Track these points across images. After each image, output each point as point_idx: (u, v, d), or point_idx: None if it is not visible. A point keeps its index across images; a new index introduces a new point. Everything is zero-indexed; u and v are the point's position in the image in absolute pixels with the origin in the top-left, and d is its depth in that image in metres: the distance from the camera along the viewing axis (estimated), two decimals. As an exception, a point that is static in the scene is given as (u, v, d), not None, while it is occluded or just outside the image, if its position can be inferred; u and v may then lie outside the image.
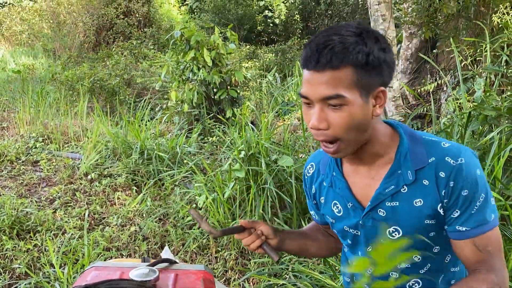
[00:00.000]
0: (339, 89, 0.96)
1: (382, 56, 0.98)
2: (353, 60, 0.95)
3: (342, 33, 0.97)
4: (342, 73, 0.95)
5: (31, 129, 5.83)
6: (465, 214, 1.02)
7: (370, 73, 0.97)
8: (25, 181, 4.38)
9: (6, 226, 3.24)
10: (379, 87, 1.00)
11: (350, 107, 0.97)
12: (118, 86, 8.76)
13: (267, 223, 1.27)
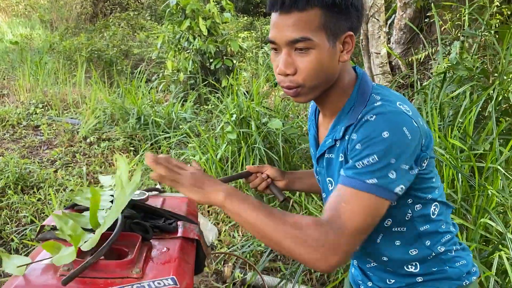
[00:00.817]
0: (306, 32, 0.94)
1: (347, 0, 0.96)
2: (320, 1, 0.93)
3: None
4: (308, 15, 0.94)
5: (31, 96, 5.98)
6: (351, 163, 0.96)
7: (338, 16, 0.96)
8: (26, 144, 4.57)
9: (11, 182, 3.44)
10: (347, 32, 0.98)
11: (317, 51, 0.96)
12: (116, 57, 8.86)
13: (273, 166, 1.37)
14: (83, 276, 0.91)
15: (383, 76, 4.38)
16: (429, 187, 1.06)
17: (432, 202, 1.08)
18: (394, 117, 0.94)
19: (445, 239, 1.11)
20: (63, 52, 8.44)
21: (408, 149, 0.93)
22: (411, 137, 0.93)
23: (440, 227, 1.10)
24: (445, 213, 1.13)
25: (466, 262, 1.12)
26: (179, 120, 5.00)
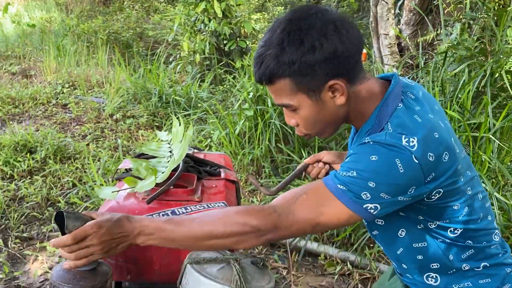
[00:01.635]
0: (282, 99, 1.02)
1: (311, 58, 0.95)
2: (280, 74, 0.97)
3: (267, 44, 0.98)
4: (278, 86, 1.00)
5: (57, 76, 6.33)
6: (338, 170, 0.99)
7: (306, 77, 0.97)
8: (58, 120, 4.93)
9: (50, 153, 3.82)
10: (328, 81, 0.98)
11: (302, 110, 1.02)
12: (132, 39, 9.14)
13: (329, 151, 1.38)
14: (160, 199, 1.25)
15: (391, 57, 4.64)
16: (446, 216, 1.03)
17: (448, 227, 1.04)
18: (390, 148, 0.93)
19: (467, 254, 1.06)
20: (82, 35, 8.75)
21: (394, 182, 0.92)
22: (404, 171, 0.91)
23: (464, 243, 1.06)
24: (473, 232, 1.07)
25: (491, 280, 1.07)
26: (198, 99, 5.32)
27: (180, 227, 0.98)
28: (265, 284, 1.01)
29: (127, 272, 1.19)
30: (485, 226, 1.08)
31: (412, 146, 0.92)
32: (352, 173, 0.94)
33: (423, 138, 0.94)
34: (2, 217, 3.00)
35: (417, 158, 0.92)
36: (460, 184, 1.00)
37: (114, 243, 0.97)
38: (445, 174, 0.96)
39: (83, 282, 0.95)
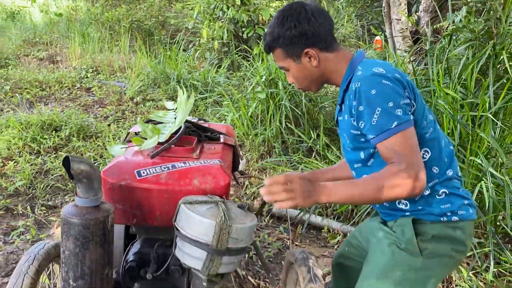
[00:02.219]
0: (279, 62, 1.46)
1: (289, 34, 1.37)
2: (274, 46, 1.42)
3: (270, 25, 1.43)
4: (275, 54, 1.44)
5: (81, 62, 6.61)
6: (367, 124, 1.25)
7: (290, 46, 1.39)
8: (82, 102, 5.20)
9: (74, 132, 4.07)
10: (304, 50, 1.38)
11: (291, 70, 1.45)
12: (154, 27, 9.37)
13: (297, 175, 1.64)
14: (162, 155, 1.43)
15: (403, 41, 4.70)
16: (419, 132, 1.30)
17: (422, 146, 1.31)
18: (372, 77, 1.27)
19: (432, 183, 1.34)
20: (106, 23, 9.02)
21: (393, 90, 1.25)
22: (392, 83, 1.25)
23: (430, 170, 1.32)
24: (440, 160, 1.36)
25: (451, 205, 1.34)
26: (214, 83, 5.50)
27: (356, 186, 1.23)
28: (248, 222, 1.18)
29: (133, 216, 1.38)
30: (447, 159, 1.38)
31: (382, 71, 1.28)
32: (378, 110, 1.23)
33: (388, 68, 1.31)
34: (29, 187, 3.26)
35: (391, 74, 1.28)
36: (420, 109, 1.32)
37: (308, 195, 1.15)
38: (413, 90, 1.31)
39: (88, 216, 1.14)
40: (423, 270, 1.34)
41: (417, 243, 1.33)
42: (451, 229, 1.34)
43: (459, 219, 1.35)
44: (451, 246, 1.35)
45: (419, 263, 1.33)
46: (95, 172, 1.17)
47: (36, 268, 1.51)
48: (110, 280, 1.25)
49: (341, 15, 9.40)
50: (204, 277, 1.18)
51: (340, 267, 1.71)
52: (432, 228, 1.35)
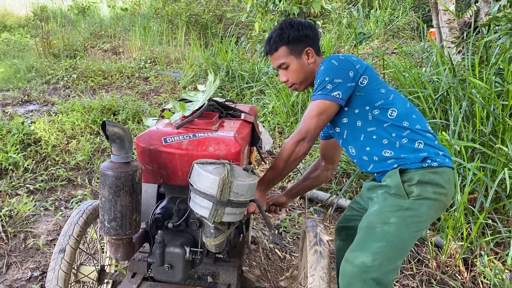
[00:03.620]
0: (281, 59, 1.76)
1: (297, 34, 1.73)
2: (281, 43, 1.74)
3: (274, 31, 1.77)
4: (279, 52, 1.76)
5: (141, 53, 7.11)
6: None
7: (294, 44, 1.74)
8: (139, 91, 5.64)
9: (130, 116, 4.49)
10: (305, 48, 1.76)
11: (292, 66, 1.76)
12: (210, 21, 9.76)
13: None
14: (186, 127, 1.69)
15: (450, 32, 4.66)
16: (381, 98, 1.64)
17: (388, 107, 1.63)
18: (326, 59, 1.69)
19: (406, 133, 1.62)
20: (166, 17, 9.54)
21: (337, 69, 1.62)
22: (338, 63, 1.63)
23: (400, 124, 1.62)
24: (407, 117, 1.64)
25: (428, 153, 1.60)
26: (261, 74, 5.74)
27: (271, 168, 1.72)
28: (248, 180, 1.40)
29: (160, 177, 1.65)
30: (415, 116, 1.67)
31: (338, 55, 1.68)
32: (318, 82, 1.64)
33: (348, 57, 1.68)
34: (88, 162, 3.69)
35: (343, 57, 1.66)
36: (374, 83, 1.66)
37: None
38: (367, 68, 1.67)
39: (120, 169, 1.42)
40: (411, 210, 1.55)
41: (404, 188, 1.57)
42: (432, 174, 1.57)
43: (438, 165, 1.59)
44: (433, 190, 1.57)
45: (406, 204, 1.56)
46: (126, 134, 1.44)
47: (84, 219, 1.83)
48: (138, 224, 1.52)
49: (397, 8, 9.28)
50: (211, 225, 1.41)
51: (343, 229, 1.98)
52: (416, 174, 1.58)
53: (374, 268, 1.53)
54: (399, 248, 1.56)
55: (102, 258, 2.20)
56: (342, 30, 8.30)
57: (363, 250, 1.57)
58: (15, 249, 2.63)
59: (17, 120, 4.06)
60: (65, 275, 1.69)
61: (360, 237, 1.62)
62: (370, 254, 1.53)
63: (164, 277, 1.60)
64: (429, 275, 2.55)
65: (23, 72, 6.39)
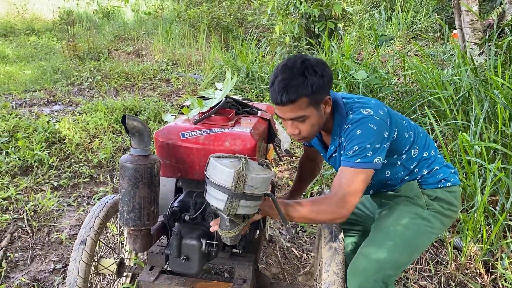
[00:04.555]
0: (300, 112, 1.51)
1: (321, 82, 1.48)
2: (303, 93, 1.47)
3: (292, 75, 1.46)
4: (299, 103, 1.49)
5: (163, 56, 7.23)
6: (344, 154, 1.54)
7: (316, 95, 1.49)
8: (161, 92, 5.74)
9: (151, 116, 4.57)
10: (325, 97, 1.54)
11: (310, 119, 1.54)
12: (232, 24, 9.85)
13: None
14: (203, 122, 1.72)
15: (473, 33, 4.59)
16: (407, 143, 1.64)
17: (412, 148, 1.66)
18: (361, 120, 1.51)
19: (427, 163, 1.69)
20: (188, 20, 9.68)
21: (376, 134, 1.49)
22: (376, 127, 1.49)
23: (422, 158, 1.67)
24: (425, 146, 1.69)
25: (443, 175, 1.70)
26: (282, 75, 5.75)
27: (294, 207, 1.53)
28: (262, 174, 1.42)
29: (178, 171, 1.69)
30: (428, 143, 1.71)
31: (369, 112, 1.52)
32: (355, 148, 1.49)
33: (374, 106, 1.55)
34: (110, 160, 3.78)
35: (377, 116, 1.51)
36: (401, 129, 1.61)
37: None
38: (394, 118, 1.59)
39: (139, 162, 1.46)
40: (427, 221, 1.65)
41: (424, 199, 1.66)
42: (447, 193, 1.68)
43: (451, 184, 1.68)
44: (448, 207, 1.68)
45: (425, 214, 1.65)
46: (145, 128, 1.49)
47: (105, 212, 1.88)
48: (156, 216, 1.56)
49: (419, 10, 9.18)
50: (226, 217, 1.44)
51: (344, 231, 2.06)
52: (434, 192, 1.68)
53: (388, 266, 1.60)
54: (409, 253, 1.65)
55: (122, 252, 2.26)
56: (363, 32, 8.26)
57: (379, 247, 1.62)
58: (39, 242, 2.72)
59: (43, 119, 4.19)
60: (85, 265, 1.74)
61: (377, 234, 1.66)
62: (386, 251, 1.60)
63: (180, 268, 1.63)
64: (447, 276, 2.52)
65: (50, 74, 6.59)
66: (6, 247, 2.63)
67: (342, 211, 1.47)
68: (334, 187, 1.51)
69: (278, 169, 3.72)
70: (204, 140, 1.64)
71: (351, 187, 1.47)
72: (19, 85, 6.07)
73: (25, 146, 3.71)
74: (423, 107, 3.63)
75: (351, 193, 1.47)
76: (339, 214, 1.47)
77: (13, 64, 7.33)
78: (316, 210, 1.49)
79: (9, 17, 11.53)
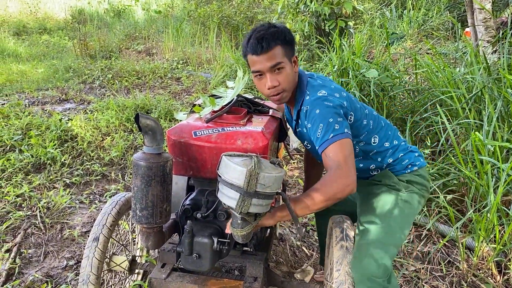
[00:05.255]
0: (277, 59, 1.58)
1: (291, 37, 1.62)
2: (278, 42, 1.57)
3: (266, 29, 1.58)
4: (275, 50, 1.57)
5: (173, 54, 7.26)
6: (314, 137, 1.55)
7: (288, 46, 1.60)
8: (171, 90, 5.77)
9: (162, 114, 4.59)
10: (294, 55, 1.65)
11: (286, 68, 1.60)
12: (242, 22, 9.85)
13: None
14: (215, 121, 1.73)
15: (486, 31, 4.54)
16: (364, 130, 1.70)
17: (371, 136, 1.73)
18: (316, 100, 1.58)
19: (389, 152, 1.78)
20: (198, 19, 9.70)
21: (333, 110, 1.54)
22: (332, 104, 1.56)
23: (383, 147, 1.76)
24: (386, 136, 1.77)
25: (409, 160, 1.80)
26: (292, 74, 5.74)
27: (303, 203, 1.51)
28: (274, 172, 1.42)
29: (190, 169, 1.70)
30: (390, 132, 1.80)
31: (324, 94, 1.60)
32: (321, 126, 1.53)
33: (331, 88, 1.64)
34: (121, 158, 3.80)
35: (331, 96, 1.60)
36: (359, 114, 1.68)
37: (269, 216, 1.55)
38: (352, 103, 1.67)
39: (152, 160, 1.47)
40: (408, 203, 1.75)
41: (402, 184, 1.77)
42: (415, 176, 1.79)
43: (417, 167, 1.81)
44: (419, 187, 1.79)
45: (404, 196, 1.75)
46: (158, 126, 1.50)
47: (117, 210, 1.90)
48: (168, 214, 1.57)
49: (431, 8, 9.10)
50: (238, 215, 1.44)
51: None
52: (403, 177, 1.79)
53: (389, 272, 1.63)
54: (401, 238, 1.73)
55: (134, 249, 2.28)
56: (374, 30, 8.20)
57: (386, 252, 1.65)
58: (52, 239, 2.75)
59: (55, 118, 4.24)
60: (98, 262, 1.76)
61: (382, 235, 1.69)
62: (389, 258, 1.64)
63: (192, 266, 1.64)
64: (459, 277, 2.50)
65: (61, 72, 6.65)
66: (20, 243, 2.66)
67: (347, 179, 1.45)
68: (326, 167, 1.52)
69: (288, 167, 3.71)
70: (216, 139, 1.64)
71: (339, 156, 1.48)
72: (31, 83, 6.14)
73: (38, 144, 3.76)
74: (434, 106, 3.60)
75: (344, 160, 1.47)
76: (345, 182, 1.45)
77: (25, 63, 7.42)
78: (324, 191, 1.46)
79: (21, 16, 11.65)
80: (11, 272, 2.42)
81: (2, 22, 10.88)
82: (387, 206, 1.75)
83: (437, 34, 7.63)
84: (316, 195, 1.47)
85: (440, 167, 3.02)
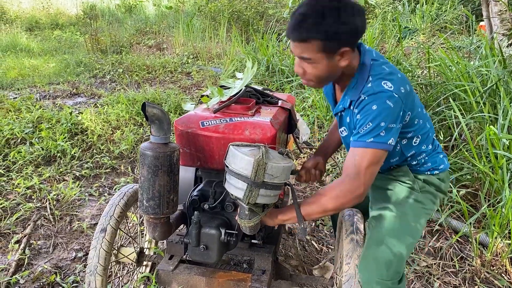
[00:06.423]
0: (307, 53, 1.36)
1: (339, 30, 1.30)
2: (315, 36, 1.31)
3: (311, 13, 1.30)
4: (309, 44, 1.33)
5: (184, 49, 7.25)
6: (357, 130, 1.41)
7: (330, 42, 1.32)
8: (181, 85, 5.76)
9: (172, 108, 4.59)
10: (342, 48, 1.35)
11: (316, 64, 1.38)
12: (252, 17, 9.80)
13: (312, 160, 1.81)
14: (223, 111, 1.70)
15: (501, 24, 4.45)
16: (413, 128, 1.55)
17: (414, 135, 1.58)
18: (379, 94, 1.37)
19: (423, 156, 1.65)
20: (209, 14, 9.68)
21: (392, 113, 1.36)
22: (393, 105, 1.36)
23: (421, 149, 1.63)
24: (426, 140, 1.63)
25: (431, 164, 1.67)
26: (302, 68, 5.69)
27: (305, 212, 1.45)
28: (282, 163, 1.39)
29: (198, 159, 1.68)
30: (431, 134, 1.66)
31: (390, 87, 1.38)
32: (368, 125, 1.37)
33: (397, 79, 1.42)
34: (131, 152, 3.80)
35: (397, 93, 1.37)
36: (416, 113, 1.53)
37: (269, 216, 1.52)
38: (413, 100, 1.50)
39: (158, 150, 1.45)
40: (421, 203, 1.65)
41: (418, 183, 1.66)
42: (434, 179, 1.69)
43: (439, 172, 1.69)
44: (435, 188, 1.69)
45: (419, 196, 1.65)
46: (165, 116, 1.48)
47: (125, 201, 1.89)
48: (175, 204, 1.55)
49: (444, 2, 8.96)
50: (246, 206, 1.42)
51: None
52: (422, 176, 1.68)
53: (404, 261, 1.60)
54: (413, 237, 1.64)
55: (142, 241, 2.27)
56: (386, 24, 8.10)
57: (400, 241, 1.59)
58: (61, 230, 2.76)
59: (66, 111, 4.25)
60: (105, 253, 1.75)
61: (396, 225, 1.63)
62: (405, 247, 1.58)
63: (199, 257, 1.62)
64: (472, 273, 2.45)
65: (73, 67, 6.68)
66: (30, 234, 2.67)
67: (359, 190, 1.37)
68: (346, 166, 1.41)
69: (298, 162, 3.68)
70: (223, 129, 1.62)
71: (363, 164, 1.37)
72: (43, 77, 6.18)
73: (48, 136, 3.77)
74: (448, 100, 3.53)
75: (365, 170, 1.37)
76: (357, 194, 1.37)
77: (37, 58, 7.47)
78: (334, 195, 1.39)
79: (34, 12, 11.75)
80: (20, 263, 2.42)
81: (15, 17, 10.98)
82: (401, 207, 1.65)
83: (451, 27, 7.50)
84: (324, 202, 1.41)
85: (453, 162, 2.96)
